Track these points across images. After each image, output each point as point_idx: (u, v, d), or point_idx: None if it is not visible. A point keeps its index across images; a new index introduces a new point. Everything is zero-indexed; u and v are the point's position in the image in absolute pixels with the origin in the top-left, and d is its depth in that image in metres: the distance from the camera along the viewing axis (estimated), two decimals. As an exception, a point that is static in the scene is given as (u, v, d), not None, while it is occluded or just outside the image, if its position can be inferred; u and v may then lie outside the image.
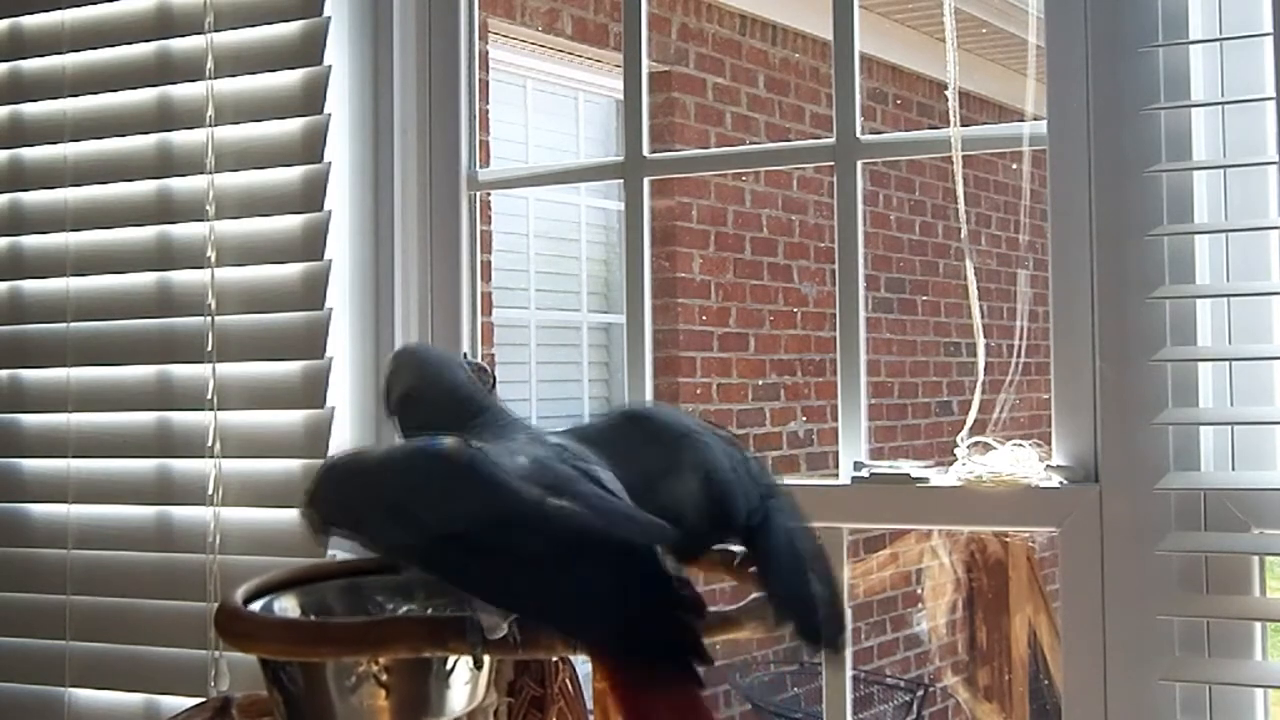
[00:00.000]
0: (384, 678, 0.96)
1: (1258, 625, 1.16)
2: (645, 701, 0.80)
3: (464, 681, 1.00)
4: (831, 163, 1.35)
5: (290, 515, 1.48)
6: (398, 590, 1.12)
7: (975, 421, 1.29)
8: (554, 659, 1.16)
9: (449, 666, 0.98)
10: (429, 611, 1.09)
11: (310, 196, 1.48)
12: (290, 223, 1.50)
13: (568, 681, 1.15)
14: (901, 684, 5.07)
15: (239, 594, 1.03)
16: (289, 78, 1.50)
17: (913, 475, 1.29)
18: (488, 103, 4.19)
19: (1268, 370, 1.19)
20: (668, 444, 0.93)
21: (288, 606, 1.06)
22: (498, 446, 0.90)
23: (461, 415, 0.97)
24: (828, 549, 0.96)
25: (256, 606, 1.03)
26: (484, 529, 0.84)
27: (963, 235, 1.52)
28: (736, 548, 0.93)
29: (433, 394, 1.00)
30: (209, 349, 1.52)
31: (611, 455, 0.91)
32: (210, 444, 1.52)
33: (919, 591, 5.31)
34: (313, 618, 1.06)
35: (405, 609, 1.10)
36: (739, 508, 0.89)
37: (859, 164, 1.34)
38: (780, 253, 5.19)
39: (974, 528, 1.84)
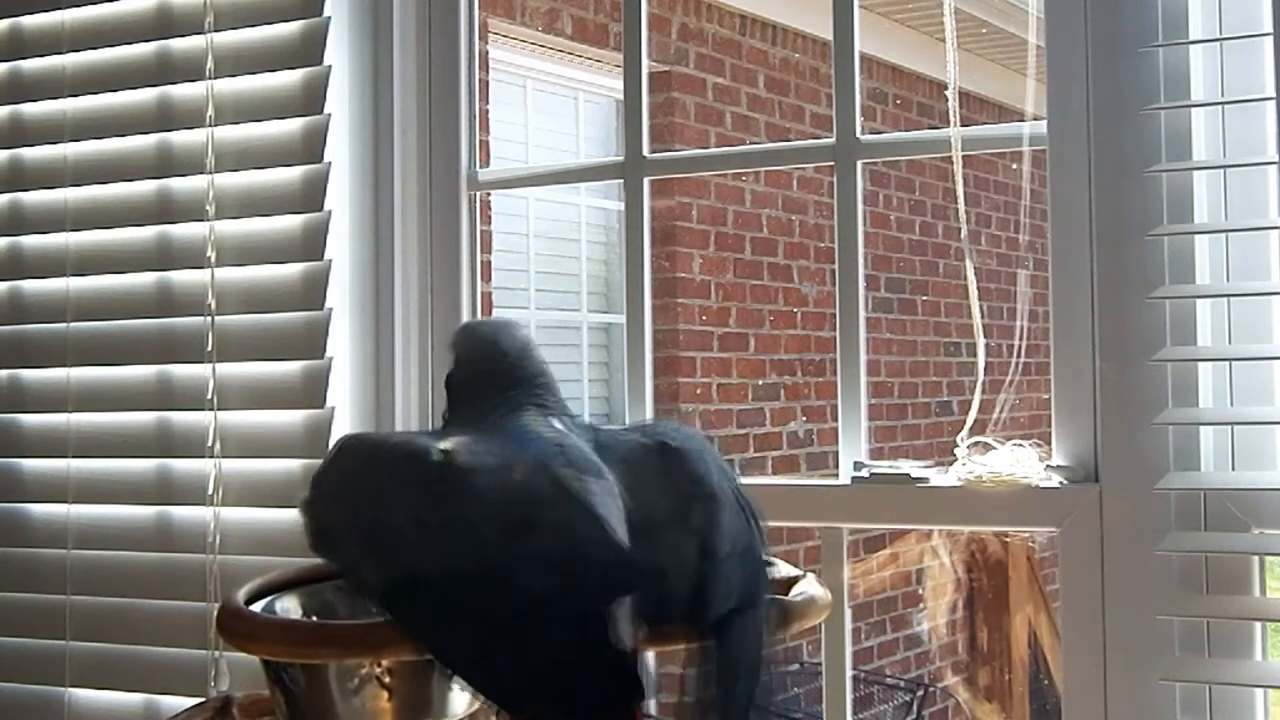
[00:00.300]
0: (386, 679, 0.96)
1: (1258, 625, 1.16)
2: None
3: (465, 682, 1.00)
4: (831, 163, 1.35)
5: (290, 515, 1.48)
6: None
7: (975, 421, 1.29)
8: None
9: (450, 667, 0.98)
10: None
11: (310, 196, 1.48)
12: (290, 223, 1.50)
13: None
14: (901, 684, 5.07)
15: (241, 594, 1.03)
16: (289, 78, 1.50)
17: (913, 475, 1.29)
18: (488, 103, 4.19)
19: (1268, 370, 1.19)
20: (684, 495, 0.86)
21: (289, 607, 1.06)
22: (493, 447, 0.86)
23: (491, 387, 0.95)
24: (774, 677, 0.87)
25: (258, 607, 1.03)
26: (438, 581, 0.81)
27: (963, 235, 1.52)
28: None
29: (472, 363, 0.99)
30: (209, 349, 1.52)
31: (626, 475, 0.85)
32: (210, 444, 1.52)
33: (919, 591, 5.31)
34: (314, 619, 1.06)
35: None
36: (712, 606, 0.81)
37: (859, 164, 1.34)
38: (780, 253, 5.19)
39: (974, 528, 1.84)
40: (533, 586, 0.78)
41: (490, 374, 0.97)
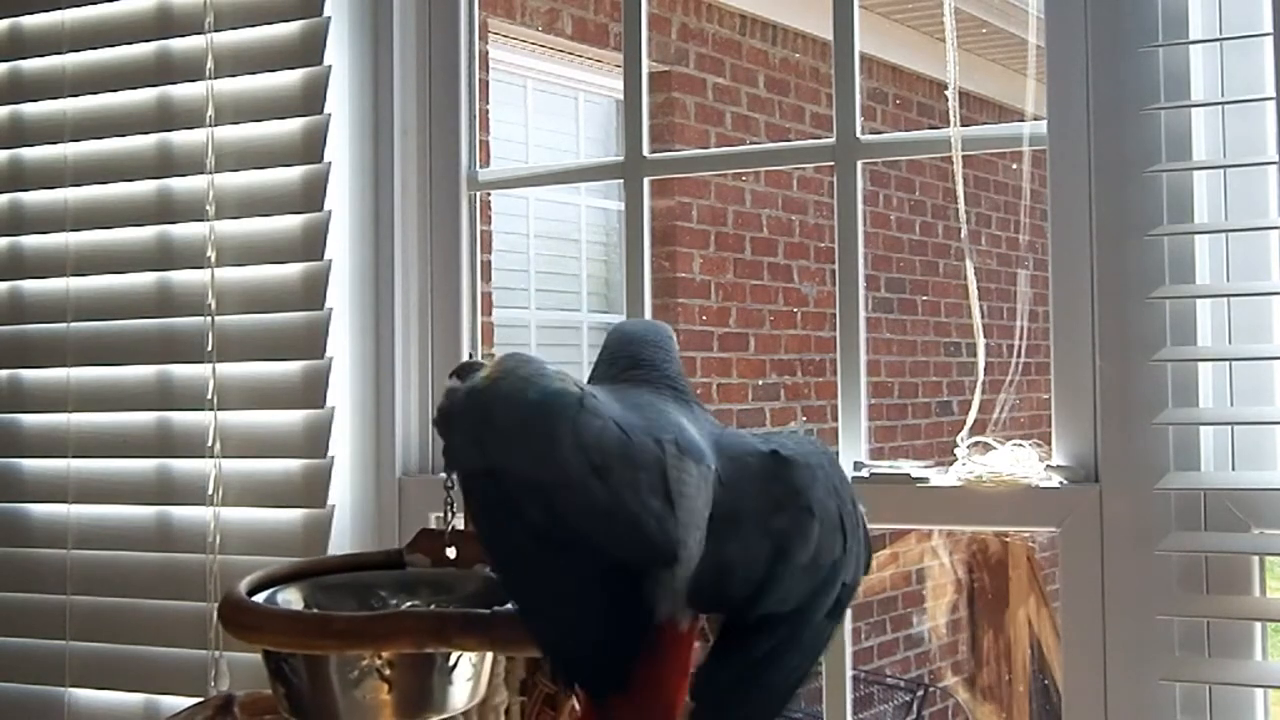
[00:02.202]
0: (387, 672, 0.96)
1: (1258, 625, 1.16)
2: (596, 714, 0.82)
3: (467, 677, 1.00)
4: (831, 163, 1.35)
5: (290, 515, 1.48)
6: (401, 585, 1.12)
7: (975, 421, 1.29)
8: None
9: (452, 662, 0.98)
10: (432, 607, 1.09)
11: (310, 196, 1.49)
12: (290, 223, 1.50)
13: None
14: (901, 684, 5.07)
15: (243, 586, 1.03)
16: (289, 78, 1.51)
17: (913, 475, 1.29)
18: (488, 103, 4.19)
19: (1268, 370, 1.19)
20: (778, 501, 0.87)
21: (291, 599, 1.06)
22: (623, 406, 0.90)
23: (624, 364, 0.99)
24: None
25: (260, 598, 1.03)
26: (512, 485, 0.85)
27: (963, 235, 1.52)
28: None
29: (611, 349, 1.03)
30: (209, 349, 1.52)
31: (729, 470, 0.88)
32: (210, 444, 1.52)
33: (919, 591, 5.31)
34: (316, 611, 1.06)
35: (409, 604, 1.10)
36: (763, 603, 0.84)
37: (859, 164, 1.34)
38: (780, 253, 5.19)
39: (974, 528, 1.84)
40: (580, 524, 0.83)
41: (628, 359, 1.01)
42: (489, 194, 1.61)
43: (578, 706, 1.06)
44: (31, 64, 1.66)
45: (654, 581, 0.82)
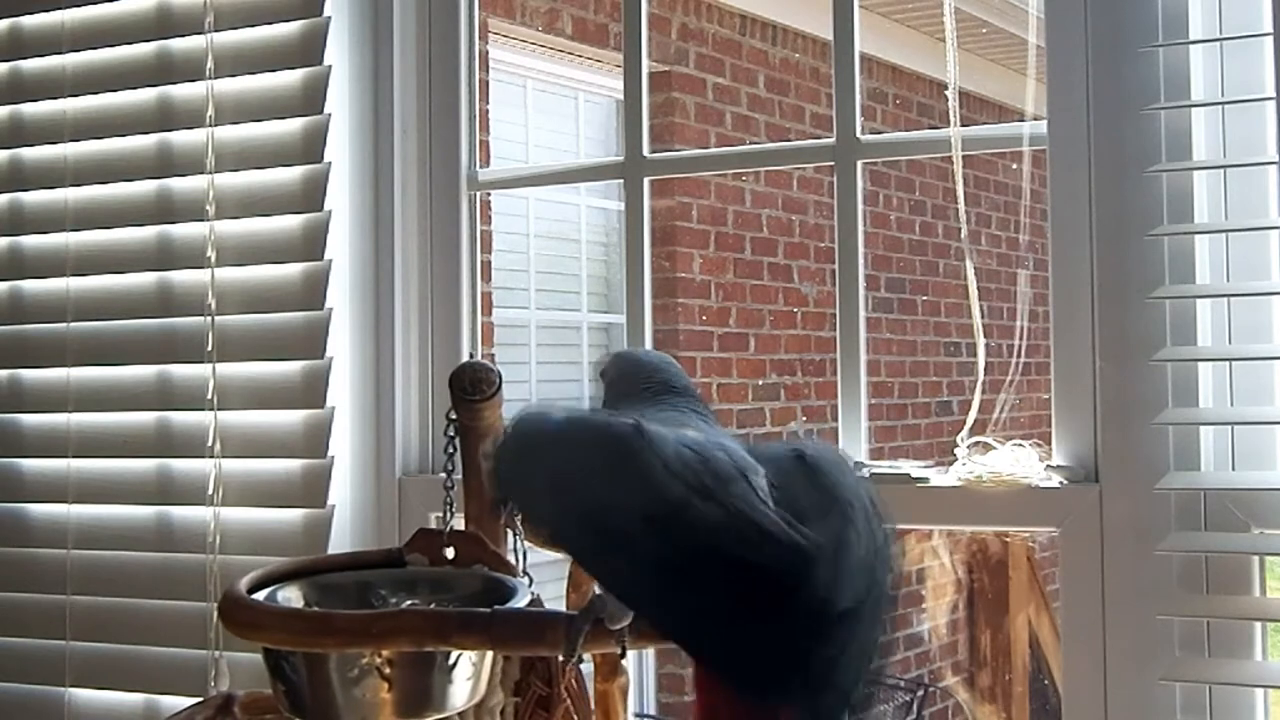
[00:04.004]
0: (387, 670, 0.96)
1: (1258, 625, 1.16)
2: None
3: (467, 676, 1.00)
4: (831, 163, 1.35)
5: (290, 515, 1.48)
6: (401, 583, 1.12)
7: (975, 421, 1.29)
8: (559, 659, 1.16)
9: (452, 661, 0.98)
10: (432, 606, 1.09)
11: (310, 196, 1.49)
12: (290, 223, 1.50)
13: (573, 681, 1.15)
14: (901, 684, 5.07)
15: (243, 583, 1.03)
16: (289, 78, 1.51)
17: (913, 475, 1.29)
18: (488, 103, 4.19)
19: (1268, 370, 1.19)
20: (823, 499, 0.88)
21: (291, 597, 1.07)
22: (669, 428, 0.90)
23: (644, 392, 0.99)
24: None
25: (260, 596, 1.03)
26: (622, 524, 0.84)
27: (963, 235, 1.52)
28: None
29: (620, 381, 1.03)
30: (209, 349, 1.52)
31: (773, 475, 0.88)
32: (210, 444, 1.52)
33: (919, 591, 5.30)
34: (316, 609, 1.06)
35: (409, 603, 1.10)
36: (840, 602, 0.85)
37: (859, 164, 1.34)
38: (780, 253, 5.19)
39: (974, 528, 1.84)
40: (707, 542, 0.82)
41: (643, 387, 1.00)
42: (489, 194, 1.61)
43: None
44: (31, 64, 1.66)
45: (807, 582, 0.82)
